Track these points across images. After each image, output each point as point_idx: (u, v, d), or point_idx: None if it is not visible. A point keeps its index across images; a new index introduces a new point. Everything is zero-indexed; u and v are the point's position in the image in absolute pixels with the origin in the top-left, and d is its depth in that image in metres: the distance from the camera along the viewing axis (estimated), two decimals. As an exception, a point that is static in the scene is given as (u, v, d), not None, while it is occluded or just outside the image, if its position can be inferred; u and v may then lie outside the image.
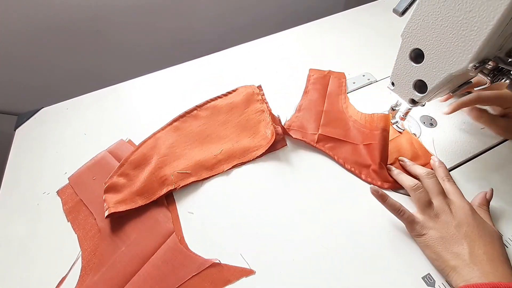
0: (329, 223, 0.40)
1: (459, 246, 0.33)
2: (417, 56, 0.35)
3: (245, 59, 0.64)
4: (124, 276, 0.37)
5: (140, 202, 0.43)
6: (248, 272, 0.37)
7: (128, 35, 0.82)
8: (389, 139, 0.45)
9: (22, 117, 0.59)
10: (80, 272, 0.38)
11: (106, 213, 0.40)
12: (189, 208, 0.43)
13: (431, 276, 0.35)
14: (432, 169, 0.42)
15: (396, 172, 0.42)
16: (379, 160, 0.43)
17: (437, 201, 0.37)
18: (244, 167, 0.47)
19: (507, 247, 0.36)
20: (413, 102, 0.39)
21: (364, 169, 0.44)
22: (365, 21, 0.69)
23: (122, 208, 0.41)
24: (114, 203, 0.42)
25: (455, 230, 0.34)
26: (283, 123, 0.49)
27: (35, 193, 0.47)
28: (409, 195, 0.40)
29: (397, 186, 0.42)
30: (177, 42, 0.90)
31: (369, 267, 0.36)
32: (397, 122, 0.48)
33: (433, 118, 0.49)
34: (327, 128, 0.49)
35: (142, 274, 0.38)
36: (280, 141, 0.48)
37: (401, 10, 0.35)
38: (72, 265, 0.39)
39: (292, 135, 0.48)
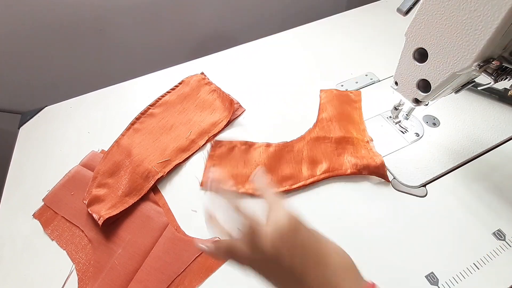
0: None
1: None
2: (421, 55, 0.35)
3: (246, 59, 0.64)
4: (126, 275, 0.38)
5: (131, 201, 0.43)
6: None
7: (131, 34, 0.82)
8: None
9: (25, 116, 0.59)
10: (78, 285, 0.38)
11: (101, 222, 0.40)
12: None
13: (434, 275, 0.35)
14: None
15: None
16: None
17: None
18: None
19: (508, 247, 0.36)
20: (417, 101, 0.39)
21: None
22: (368, 20, 0.69)
23: (115, 212, 0.41)
24: (105, 210, 0.42)
25: None
26: None
27: (39, 191, 0.47)
28: None
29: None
30: (180, 41, 0.90)
31: (372, 264, 0.36)
32: (400, 121, 0.48)
33: (436, 118, 0.49)
34: None
35: (145, 268, 0.38)
36: (239, 108, 0.54)
37: (405, 9, 0.35)
38: (66, 280, 0.38)
39: None
